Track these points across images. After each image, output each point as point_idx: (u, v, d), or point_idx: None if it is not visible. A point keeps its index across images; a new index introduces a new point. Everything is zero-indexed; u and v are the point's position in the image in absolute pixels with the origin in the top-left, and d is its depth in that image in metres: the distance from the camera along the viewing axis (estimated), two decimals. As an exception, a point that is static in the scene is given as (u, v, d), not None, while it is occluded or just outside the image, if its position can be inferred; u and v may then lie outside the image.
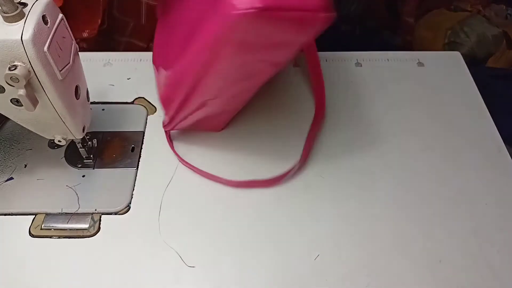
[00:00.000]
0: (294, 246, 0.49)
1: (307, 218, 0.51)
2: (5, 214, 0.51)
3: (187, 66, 0.46)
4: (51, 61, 0.40)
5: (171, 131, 0.59)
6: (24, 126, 0.47)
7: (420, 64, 0.70)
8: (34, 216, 0.51)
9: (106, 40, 0.83)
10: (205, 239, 0.49)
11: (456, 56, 0.71)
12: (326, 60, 0.70)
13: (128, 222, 0.51)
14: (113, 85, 0.66)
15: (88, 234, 0.49)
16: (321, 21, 0.39)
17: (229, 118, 0.58)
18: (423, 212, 0.51)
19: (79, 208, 0.51)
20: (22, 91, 0.39)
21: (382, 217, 0.51)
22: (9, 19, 0.37)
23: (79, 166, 0.55)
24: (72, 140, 0.51)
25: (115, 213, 0.51)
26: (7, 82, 0.38)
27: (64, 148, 0.57)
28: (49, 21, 0.40)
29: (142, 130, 0.60)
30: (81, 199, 0.52)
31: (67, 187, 0.53)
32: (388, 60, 0.70)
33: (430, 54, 0.72)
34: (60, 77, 0.42)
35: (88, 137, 0.54)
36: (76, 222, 0.50)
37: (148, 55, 0.69)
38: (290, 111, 0.62)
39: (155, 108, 0.63)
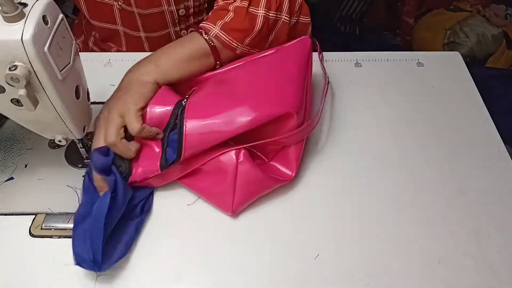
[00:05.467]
0: (294, 246, 0.49)
1: (307, 218, 0.51)
2: (6, 214, 0.51)
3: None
4: (52, 61, 0.40)
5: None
6: (24, 126, 0.47)
7: (420, 64, 0.70)
8: (34, 216, 0.51)
9: None
10: (205, 239, 0.49)
11: (455, 56, 0.71)
12: (326, 60, 0.70)
13: (128, 222, 0.51)
14: (113, 85, 0.65)
15: (89, 234, 0.49)
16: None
17: None
18: (422, 212, 0.51)
19: (79, 208, 0.51)
20: (22, 91, 0.39)
21: (382, 217, 0.51)
22: (9, 19, 0.37)
23: (80, 166, 0.55)
24: (73, 140, 0.52)
25: (115, 213, 0.51)
26: (7, 82, 0.38)
27: (64, 148, 0.57)
28: (49, 21, 0.40)
29: (142, 130, 0.60)
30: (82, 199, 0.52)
31: (68, 187, 0.53)
32: (388, 60, 0.70)
33: (430, 54, 0.72)
34: (60, 77, 0.42)
35: (88, 137, 0.54)
36: (77, 222, 0.50)
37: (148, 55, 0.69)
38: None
39: (155, 108, 0.62)
